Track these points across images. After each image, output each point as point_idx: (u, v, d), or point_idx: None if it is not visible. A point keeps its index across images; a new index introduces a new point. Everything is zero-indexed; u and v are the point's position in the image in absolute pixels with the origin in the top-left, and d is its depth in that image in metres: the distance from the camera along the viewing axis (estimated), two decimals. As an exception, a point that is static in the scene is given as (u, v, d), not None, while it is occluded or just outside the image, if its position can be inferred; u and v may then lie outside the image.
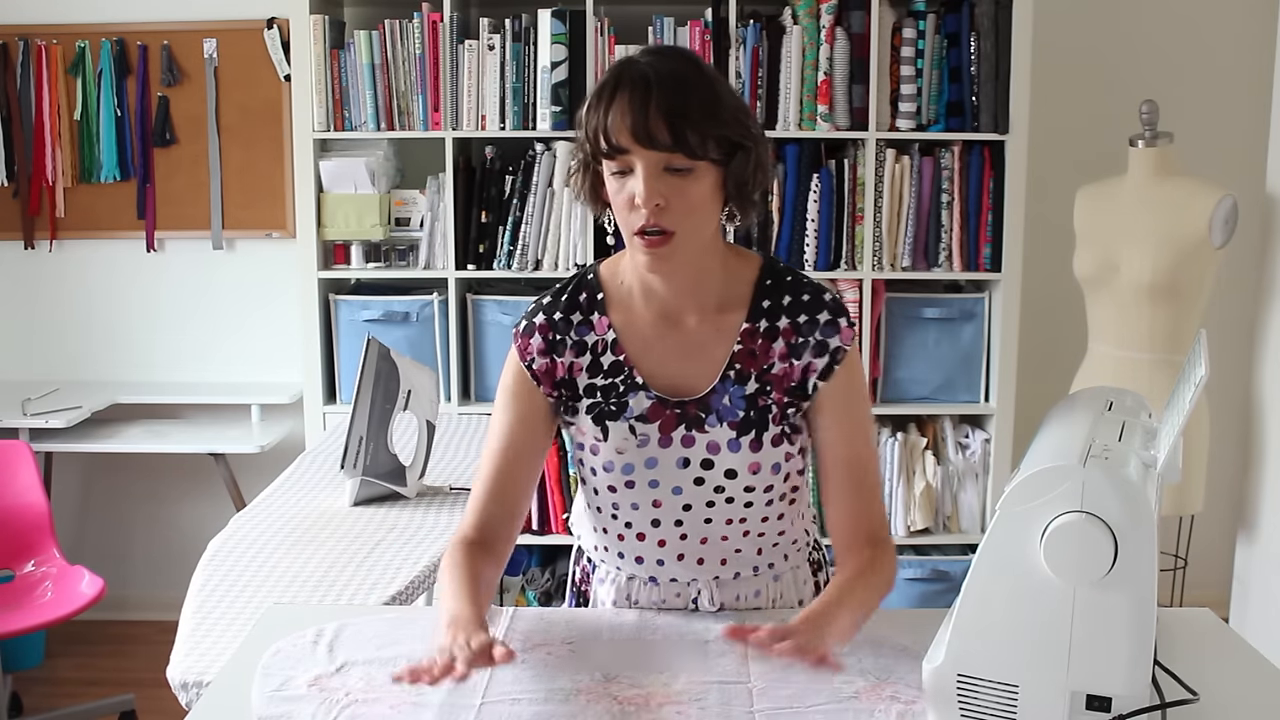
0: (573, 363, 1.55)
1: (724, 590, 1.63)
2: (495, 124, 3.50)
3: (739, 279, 1.56)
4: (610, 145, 1.42)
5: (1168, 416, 1.28)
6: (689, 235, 1.45)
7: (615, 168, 1.44)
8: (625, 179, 1.44)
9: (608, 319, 1.55)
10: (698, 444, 1.53)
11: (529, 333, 1.56)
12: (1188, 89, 3.81)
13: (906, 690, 1.37)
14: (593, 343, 1.55)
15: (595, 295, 1.56)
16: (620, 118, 1.41)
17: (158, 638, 2.64)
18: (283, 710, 1.34)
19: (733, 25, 3.42)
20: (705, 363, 1.54)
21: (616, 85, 1.43)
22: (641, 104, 1.40)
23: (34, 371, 4.04)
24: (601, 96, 1.43)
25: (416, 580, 2.01)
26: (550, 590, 3.66)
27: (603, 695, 1.38)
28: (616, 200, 1.46)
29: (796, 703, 1.36)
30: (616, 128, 1.41)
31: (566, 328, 1.55)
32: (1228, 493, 3.70)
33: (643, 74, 1.42)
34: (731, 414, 1.53)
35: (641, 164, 1.41)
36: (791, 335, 1.53)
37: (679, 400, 1.53)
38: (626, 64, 1.45)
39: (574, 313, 1.56)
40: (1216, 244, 3.15)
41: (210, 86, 3.87)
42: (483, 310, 3.60)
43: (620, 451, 1.53)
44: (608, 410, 1.54)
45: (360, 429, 2.35)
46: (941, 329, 3.59)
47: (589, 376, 1.55)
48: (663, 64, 1.44)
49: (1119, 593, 1.15)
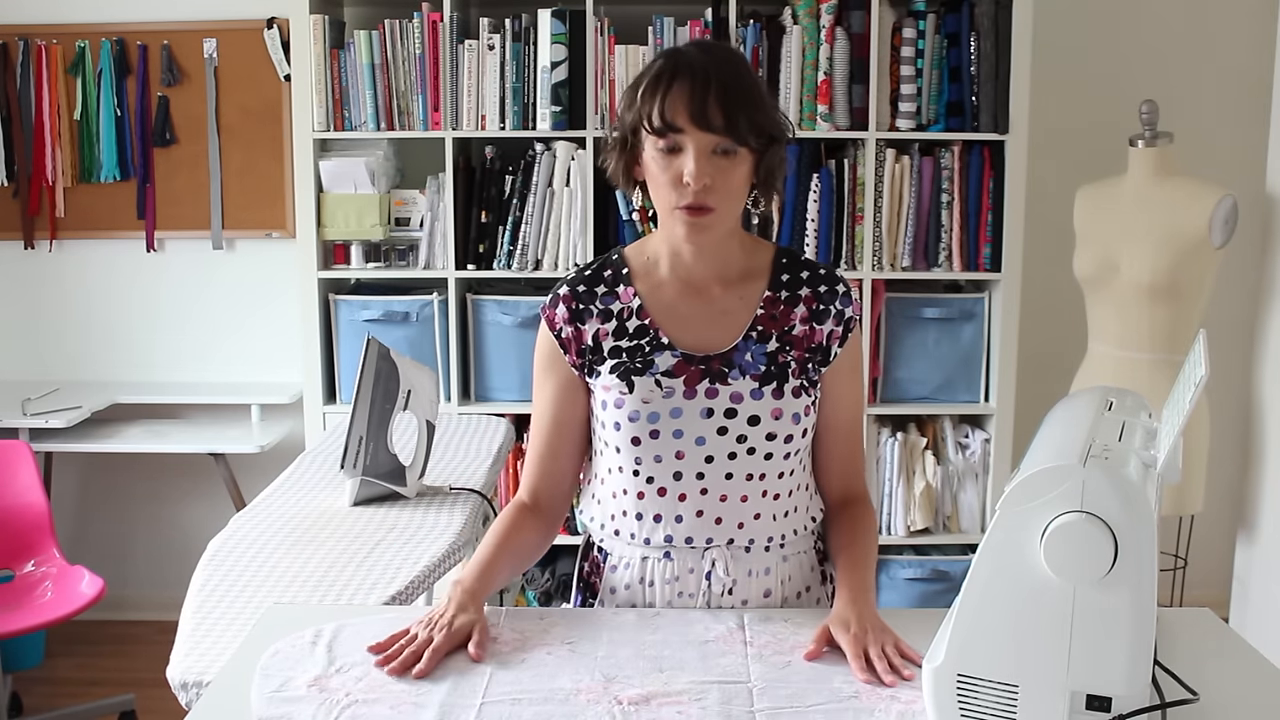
0: (598, 329, 1.66)
1: (736, 563, 1.67)
2: (495, 124, 3.50)
3: (758, 257, 1.70)
4: (666, 124, 1.53)
5: (1168, 416, 1.28)
6: (726, 213, 1.58)
7: (665, 146, 1.55)
8: (673, 157, 1.55)
9: (633, 289, 1.67)
10: (721, 395, 1.62)
11: (554, 304, 1.68)
12: (1188, 89, 3.81)
13: (907, 690, 1.38)
14: (618, 310, 1.66)
15: (620, 270, 1.69)
16: (678, 101, 1.53)
17: (158, 638, 2.64)
18: (283, 711, 1.34)
19: (733, 25, 3.42)
20: (728, 325, 1.65)
21: (674, 73, 1.55)
22: (701, 89, 1.53)
23: (34, 371, 4.04)
24: (660, 80, 1.55)
25: (416, 580, 2.01)
26: (550, 590, 3.66)
27: (603, 695, 1.38)
28: (662, 177, 1.56)
29: (796, 702, 1.36)
30: (674, 109, 1.53)
31: (591, 298, 1.67)
32: (1228, 493, 3.70)
33: (699, 63, 1.55)
34: (754, 368, 1.63)
35: (693, 145, 1.53)
36: (813, 302, 1.67)
37: (704, 355, 1.63)
38: (679, 53, 1.58)
39: (599, 285, 1.68)
40: (1216, 244, 3.15)
41: (210, 86, 3.87)
42: (483, 310, 3.60)
43: (646, 402, 1.62)
44: (633, 367, 1.63)
45: (360, 429, 2.35)
46: (941, 329, 3.59)
47: (614, 340, 1.65)
48: (716, 56, 1.58)
49: (1119, 593, 1.15)
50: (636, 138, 1.59)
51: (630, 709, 1.35)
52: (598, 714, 1.34)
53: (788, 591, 1.70)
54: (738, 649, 1.50)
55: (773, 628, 1.56)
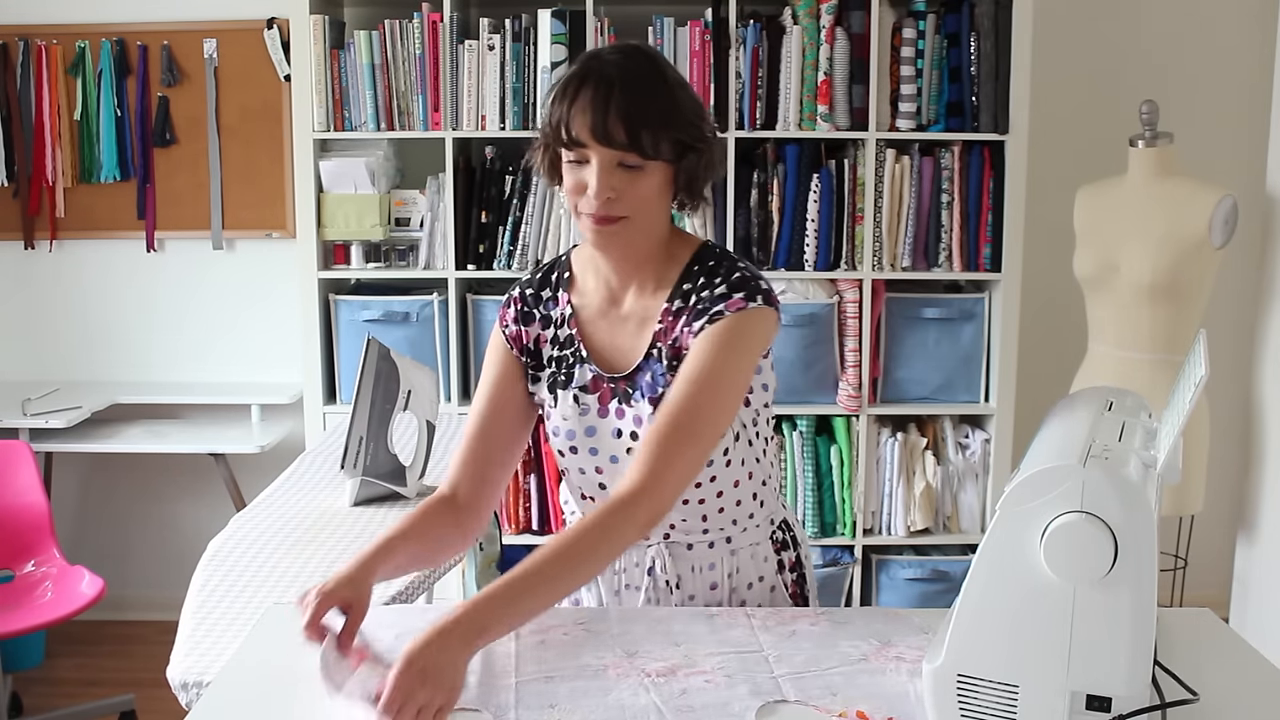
0: (539, 334, 1.68)
1: (678, 560, 1.70)
2: (495, 124, 3.50)
3: (675, 261, 1.63)
4: (570, 138, 1.51)
5: (1168, 416, 1.28)
6: (639, 222, 1.55)
7: (572, 157, 1.53)
8: (581, 168, 1.53)
9: (568, 295, 1.67)
10: (627, 416, 1.62)
11: (507, 304, 1.72)
12: (1188, 89, 3.81)
13: (910, 651, 1.46)
14: (556, 316, 1.68)
15: (563, 274, 1.69)
16: (581, 114, 1.50)
17: (158, 638, 2.63)
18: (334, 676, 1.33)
19: (733, 25, 3.42)
20: (637, 340, 1.63)
21: (582, 81, 1.51)
22: (603, 103, 1.49)
23: (34, 371, 4.04)
24: (566, 90, 1.52)
25: (417, 580, 2.01)
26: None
27: (630, 669, 1.43)
28: (570, 185, 1.55)
29: (813, 666, 1.43)
30: (577, 123, 1.50)
31: (537, 301, 1.69)
32: (1228, 493, 3.70)
33: (607, 74, 1.51)
34: (652, 389, 1.60)
35: (596, 159, 1.51)
36: (692, 311, 1.58)
37: (612, 375, 1.63)
38: (593, 59, 1.54)
39: (545, 289, 1.70)
40: (1216, 244, 3.15)
41: (210, 86, 3.87)
42: (483, 310, 3.60)
43: (565, 418, 1.64)
44: (559, 379, 1.66)
45: (360, 429, 2.35)
46: (941, 329, 3.59)
47: (551, 348, 1.67)
48: (628, 64, 1.53)
49: (1119, 593, 1.15)
50: (550, 140, 1.56)
51: (659, 680, 1.40)
52: (630, 687, 1.39)
53: (736, 583, 1.72)
54: (742, 621, 1.57)
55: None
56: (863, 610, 1.66)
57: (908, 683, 1.39)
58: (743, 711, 1.33)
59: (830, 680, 1.40)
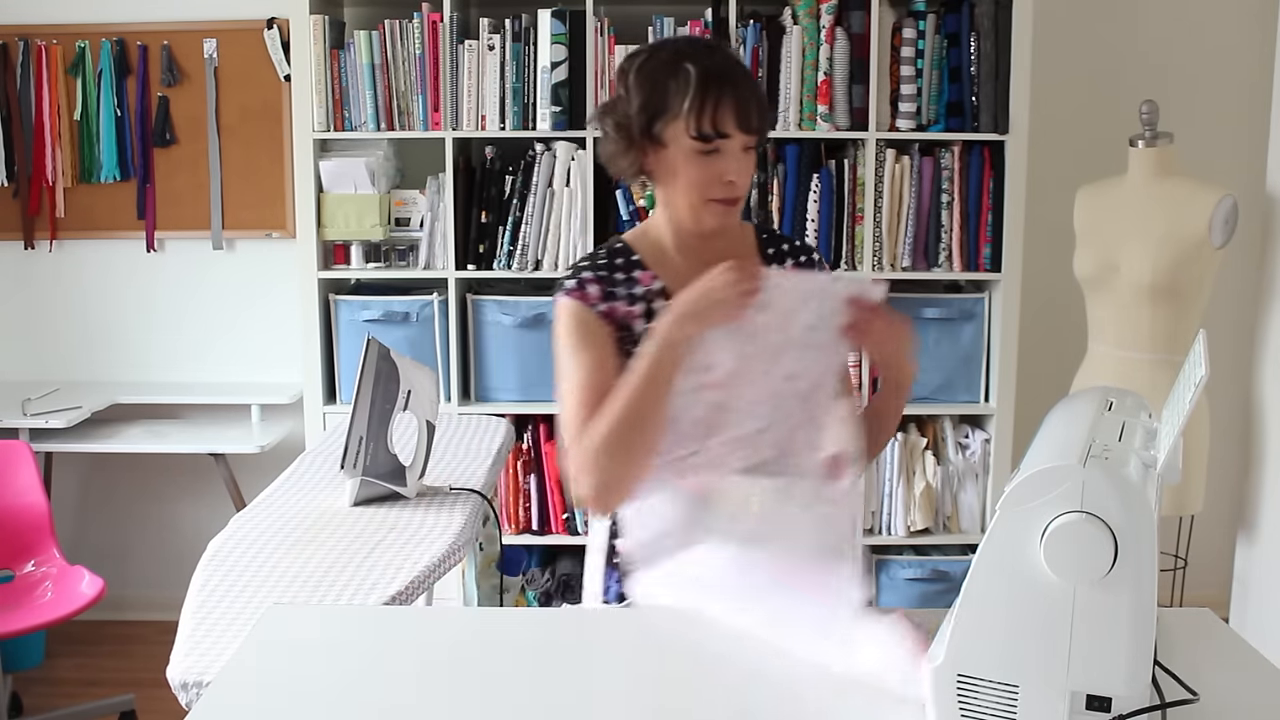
0: (627, 310, 1.72)
1: None
2: (495, 124, 3.50)
3: (745, 236, 1.84)
4: (716, 131, 1.63)
5: (1168, 416, 1.28)
6: (742, 200, 1.71)
7: (704, 149, 1.63)
8: (710, 158, 1.64)
9: (651, 273, 1.74)
10: None
11: (583, 285, 1.72)
12: (1188, 89, 3.81)
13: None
14: (642, 293, 1.72)
15: (631, 256, 1.75)
16: (728, 108, 1.62)
17: (158, 638, 2.63)
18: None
19: (733, 25, 3.42)
20: None
21: (716, 78, 1.63)
22: (745, 96, 1.64)
23: (34, 371, 4.04)
24: (707, 87, 1.62)
25: (416, 580, 2.01)
26: (550, 590, 3.66)
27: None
28: (696, 175, 1.65)
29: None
30: (723, 117, 1.62)
31: (614, 282, 1.73)
32: (1228, 493, 3.70)
33: (730, 66, 1.65)
34: None
35: (732, 146, 1.64)
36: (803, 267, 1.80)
37: None
38: (701, 54, 1.65)
39: (616, 271, 1.74)
40: (1216, 244, 3.15)
41: (210, 86, 3.87)
42: (483, 310, 3.60)
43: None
44: None
45: (360, 429, 2.35)
46: (941, 329, 3.59)
47: (644, 321, 1.70)
48: (732, 55, 1.70)
49: (1119, 593, 1.15)
50: (655, 134, 1.65)
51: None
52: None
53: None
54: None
55: None
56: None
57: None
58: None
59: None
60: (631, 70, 1.69)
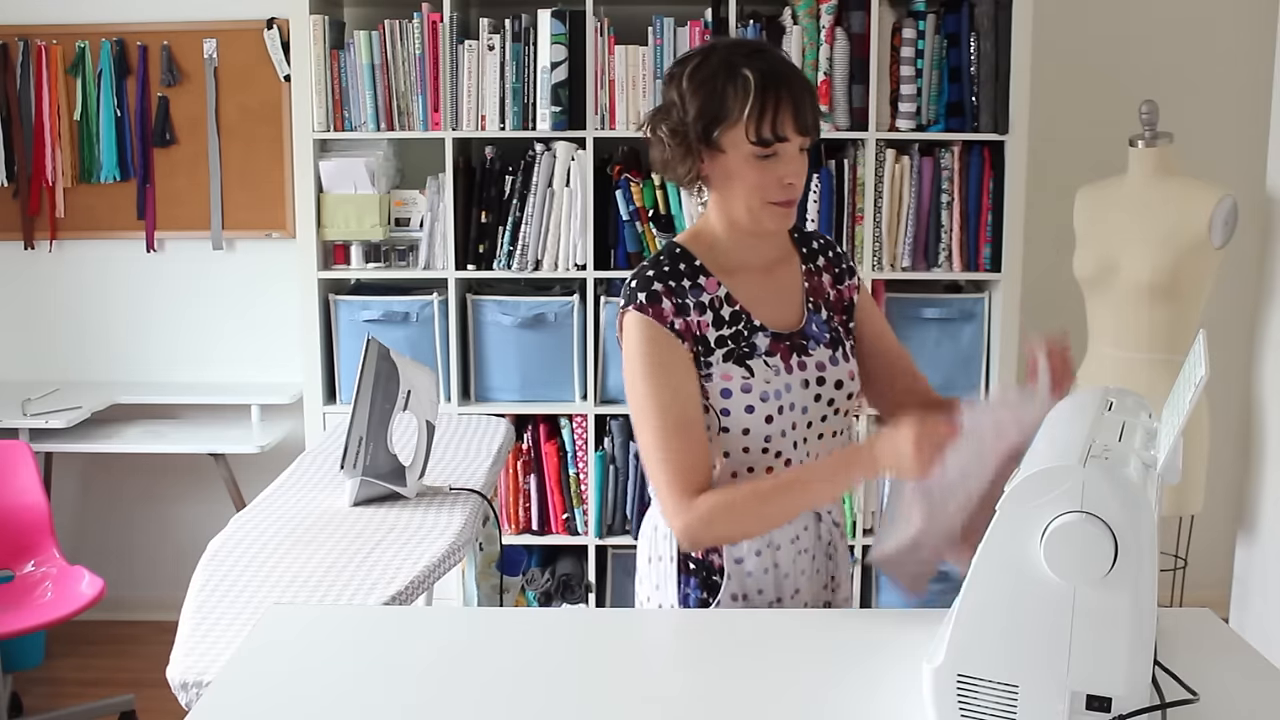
0: (699, 320, 1.71)
1: (823, 521, 1.84)
2: (495, 124, 3.50)
3: (783, 234, 1.84)
4: (776, 135, 1.64)
5: (1168, 416, 1.28)
6: (798, 200, 1.73)
7: (764, 153, 1.65)
8: (768, 161, 1.66)
9: (715, 279, 1.74)
10: (809, 367, 1.76)
11: (656, 301, 1.70)
12: (1188, 89, 3.81)
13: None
14: (709, 300, 1.73)
15: (693, 262, 1.75)
16: (787, 112, 1.64)
17: (158, 638, 2.63)
18: None
19: (733, 25, 3.42)
20: (792, 301, 1.80)
21: (770, 81, 1.64)
22: (801, 98, 1.66)
23: (34, 371, 4.04)
24: (766, 91, 1.63)
25: (416, 580, 2.01)
26: (550, 590, 3.66)
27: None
28: (755, 178, 1.66)
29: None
30: (783, 121, 1.64)
31: (682, 292, 1.72)
32: (1228, 493, 3.70)
33: (786, 70, 1.67)
34: (822, 336, 1.79)
35: (794, 147, 1.67)
36: (833, 268, 1.86)
37: (788, 333, 1.77)
38: (761, 57, 1.66)
39: (681, 280, 1.73)
40: (1216, 244, 3.15)
41: (210, 86, 3.87)
42: (482, 310, 3.60)
43: (768, 382, 1.72)
44: (742, 352, 1.73)
45: (360, 429, 2.35)
46: (941, 329, 3.59)
47: (715, 330, 1.72)
48: (783, 57, 1.72)
49: (1119, 593, 1.15)
50: (713, 141, 1.66)
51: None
52: None
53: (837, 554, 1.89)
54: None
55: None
56: (862, 611, 1.65)
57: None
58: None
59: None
60: (684, 76, 1.69)
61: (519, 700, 1.36)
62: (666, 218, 3.48)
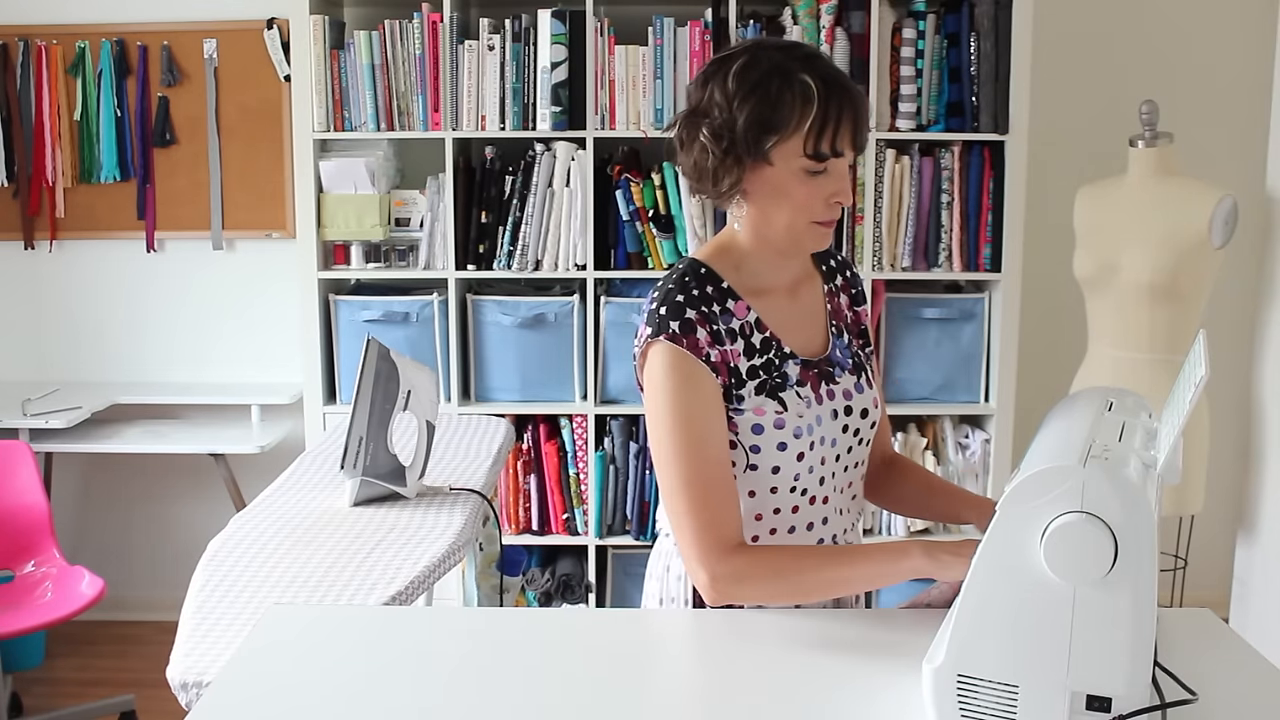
0: (731, 349, 1.59)
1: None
2: (495, 124, 3.50)
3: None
4: (834, 151, 1.52)
5: (1168, 416, 1.28)
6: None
7: (816, 168, 1.53)
8: (818, 177, 1.54)
9: (744, 303, 1.62)
10: (837, 396, 1.66)
11: (690, 330, 1.56)
12: (1188, 89, 3.81)
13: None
14: (739, 327, 1.60)
15: (721, 284, 1.61)
16: (846, 128, 1.52)
17: (158, 638, 2.64)
18: None
19: (733, 25, 3.42)
20: (818, 324, 1.70)
21: (842, 90, 1.52)
22: (861, 111, 1.54)
23: (34, 371, 4.04)
24: (830, 102, 1.51)
25: (416, 580, 2.01)
26: (550, 590, 3.66)
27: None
28: (804, 195, 1.54)
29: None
30: (842, 137, 1.53)
31: (714, 319, 1.58)
32: (1228, 493, 3.70)
33: (843, 81, 1.54)
34: (845, 362, 1.69)
35: (844, 164, 1.55)
36: (850, 288, 1.76)
37: (816, 360, 1.66)
38: (817, 62, 1.54)
39: (710, 305, 1.59)
40: (1216, 244, 3.15)
41: (210, 86, 3.87)
42: (483, 310, 3.60)
43: (800, 416, 1.60)
44: (774, 383, 1.61)
45: (360, 429, 2.35)
46: (941, 329, 3.59)
47: (747, 359, 1.60)
48: (835, 66, 1.57)
49: (1119, 593, 1.15)
50: (764, 152, 1.52)
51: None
52: None
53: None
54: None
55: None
56: (863, 611, 1.65)
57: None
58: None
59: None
60: (729, 76, 1.53)
61: (519, 700, 1.36)
62: (666, 218, 3.48)
